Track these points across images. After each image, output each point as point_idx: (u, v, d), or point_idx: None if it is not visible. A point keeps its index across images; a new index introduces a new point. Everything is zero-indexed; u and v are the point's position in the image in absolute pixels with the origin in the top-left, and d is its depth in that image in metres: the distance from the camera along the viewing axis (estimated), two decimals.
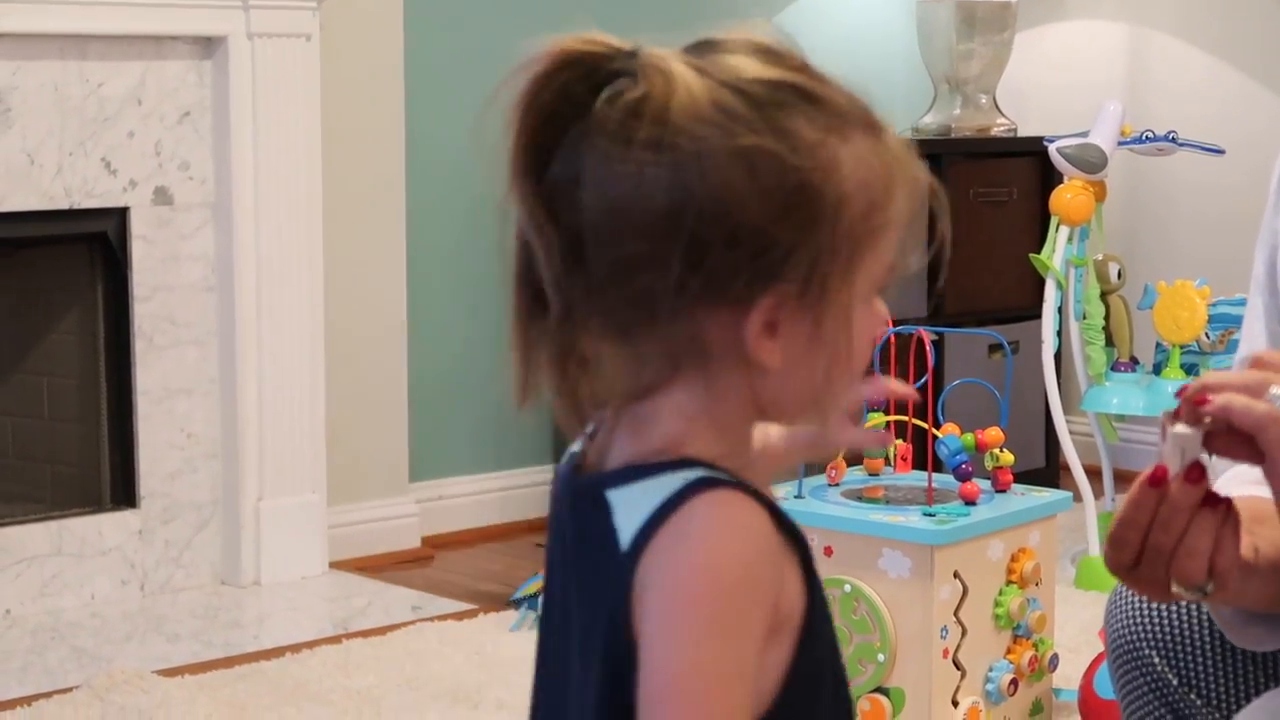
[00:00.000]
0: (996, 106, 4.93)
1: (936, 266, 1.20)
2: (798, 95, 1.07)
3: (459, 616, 3.70)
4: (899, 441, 3.13)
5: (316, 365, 4.01)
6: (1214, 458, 1.34)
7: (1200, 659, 1.68)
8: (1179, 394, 1.35)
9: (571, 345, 1.09)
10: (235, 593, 3.94)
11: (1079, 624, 3.48)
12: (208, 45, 3.89)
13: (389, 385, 4.24)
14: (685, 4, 4.69)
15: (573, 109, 1.07)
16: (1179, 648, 1.67)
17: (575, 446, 1.16)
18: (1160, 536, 1.31)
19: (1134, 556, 1.32)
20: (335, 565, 4.09)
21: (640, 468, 1.09)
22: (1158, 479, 1.31)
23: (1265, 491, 1.35)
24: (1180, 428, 1.33)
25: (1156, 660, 1.69)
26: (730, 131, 1.04)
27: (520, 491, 4.55)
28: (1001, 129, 4.89)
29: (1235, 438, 1.33)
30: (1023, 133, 4.95)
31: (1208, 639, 1.66)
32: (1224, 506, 1.34)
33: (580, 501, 1.12)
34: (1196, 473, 1.30)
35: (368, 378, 4.20)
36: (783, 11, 4.92)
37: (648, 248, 1.05)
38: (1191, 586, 1.32)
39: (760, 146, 1.04)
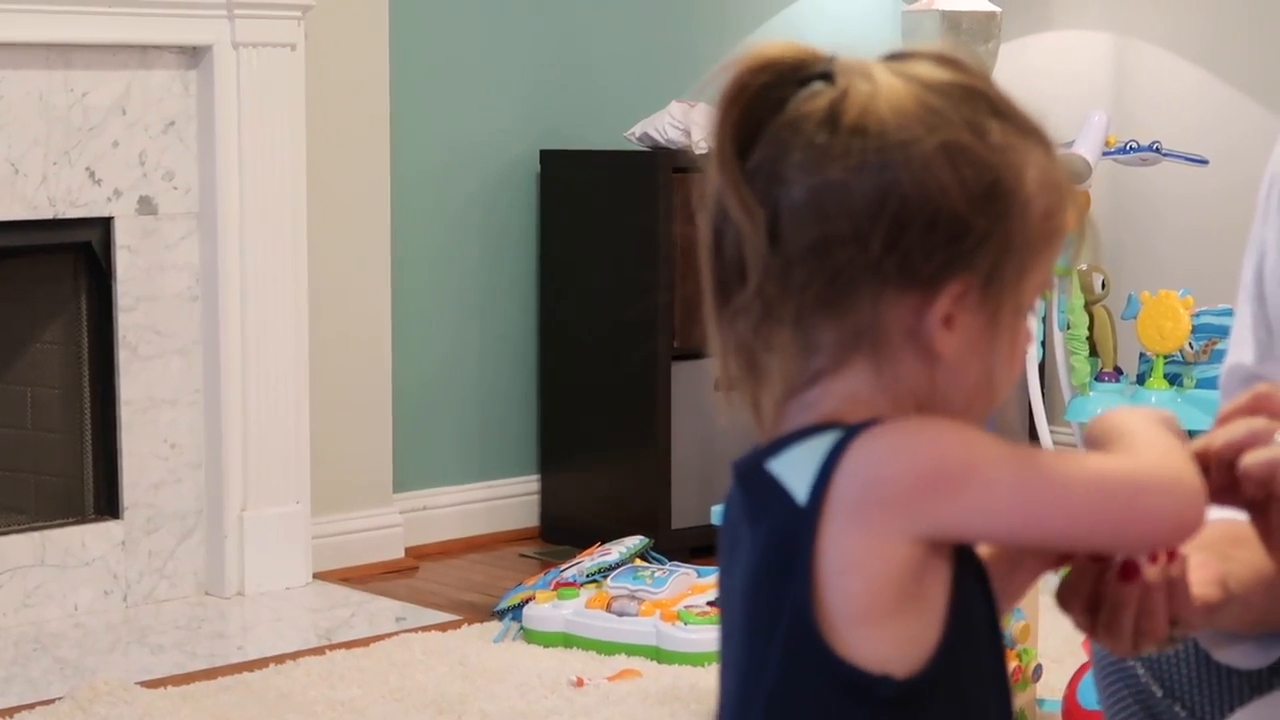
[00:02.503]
0: None
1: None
2: (987, 103, 1.15)
3: (443, 627, 3.70)
4: None
5: (301, 376, 4.00)
6: None
7: (1184, 670, 1.67)
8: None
9: (757, 330, 1.15)
10: (219, 603, 3.93)
11: (1063, 634, 3.47)
12: (193, 55, 3.89)
13: (373, 396, 4.23)
14: (672, 12, 4.69)
15: (775, 104, 1.14)
16: (1163, 658, 1.67)
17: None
18: (1111, 615, 1.30)
19: (1089, 625, 1.31)
20: (319, 576, 4.08)
21: (795, 434, 1.14)
22: (1129, 574, 1.30)
23: (1240, 514, 1.35)
24: None
25: (1140, 671, 1.68)
26: (932, 126, 1.12)
27: (505, 502, 4.54)
28: None
29: (1225, 493, 1.33)
30: None
31: (1192, 650, 1.66)
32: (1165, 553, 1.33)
33: (745, 482, 1.17)
34: (1131, 570, 1.29)
35: (352, 388, 4.19)
36: (769, 21, 4.92)
37: (849, 227, 1.12)
38: (1156, 641, 1.32)
39: (960, 140, 1.13)
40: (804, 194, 1.13)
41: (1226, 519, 1.39)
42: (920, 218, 1.12)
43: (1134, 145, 4.26)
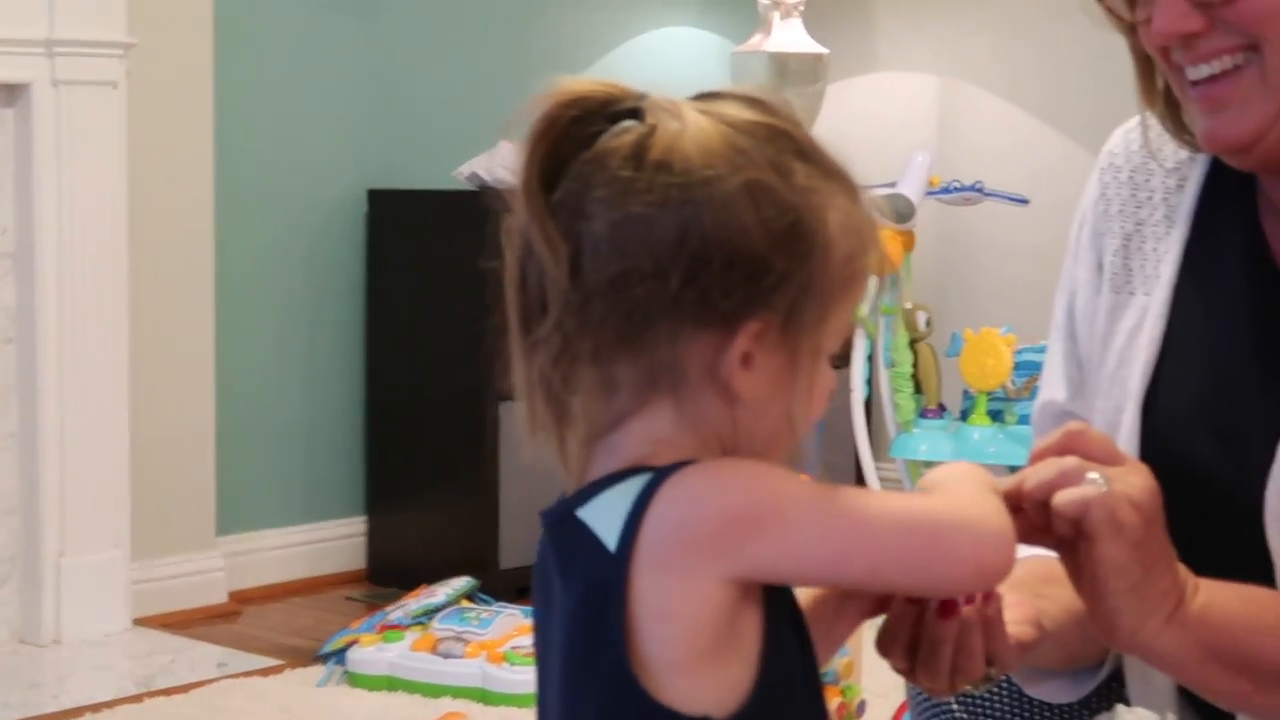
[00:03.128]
0: None
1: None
2: (793, 145, 1.15)
3: (265, 672, 3.64)
4: None
5: (120, 419, 3.93)
6: None
7: (999, 705, 1.68)
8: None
9: (558, 373, 1.15)
10: (35, 651, 3.84)
11: (886, 669, 3.49)
12: (10, 92, 3.82)
13: (195, 438, 4.17)
14: (502, 51, 4.69)
15: (582, 139, 1.14)
16: (979, 695, 1.68)
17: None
18: (929, 654, 1.31)
19: (907, 666, 1.32)
20: (139, 622, 4.01)
21: (603, 480, 1.14)
22: (948, 611, 1.31)
23: (1050, 553, 1.37)
24: None
25: (955, 707, 1.69)
26: (737, 164, 1.12)
27: (330, 544, 4.49)
28: None
29: (1036, 530, 1.34)
30: None
31: (1005, 686, 1.67)
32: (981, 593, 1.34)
33: (555, 532, 1.16)
34: (949, 608, 1.30)
35: (173, 431, 4.13)
36: (600, 60, 4.93)
37: (650, 262, 1.11)
38: (973, 680, 1.32)
39: (763, 180, 1.13)
40: (606, 228, 1.12)
41: (1038, 557, 1.40)
42: (720, 255, 1.11)
43: (957, 185, 4.31)
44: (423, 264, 4.39)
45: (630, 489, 1.12)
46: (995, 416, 4.06)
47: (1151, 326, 1.61)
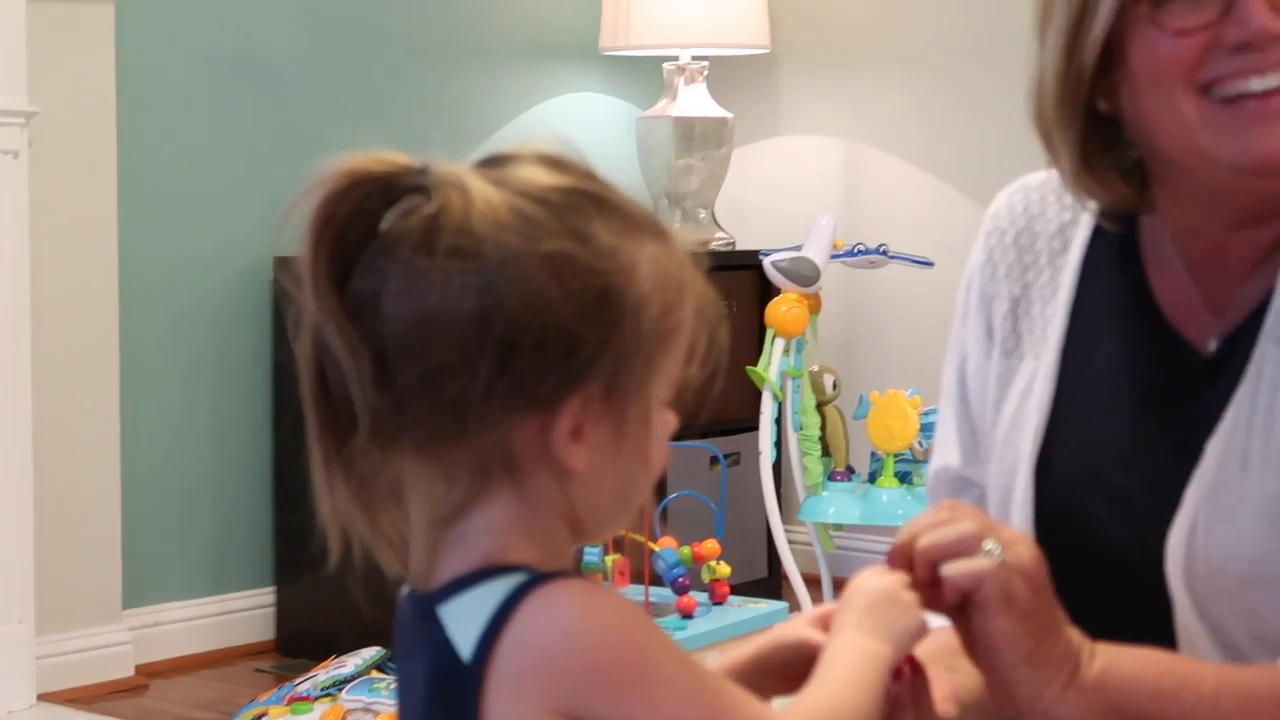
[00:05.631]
0: (715, 221, 5.00)
1: (711, 378, 1.21)
2: (591, 202, 1.11)
3: None
4: (616, 555, 3.13)
5: (24, 491, 3.88)
6: None
7: None
8: (889, 555, 1.36)
9: (380, 467, 1.11)
10: None
11: None
12: None
13: (100, 510, 4.13)
14: (407, 118, 4.69)
15: (368, 225, 1.10)
16: None
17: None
18: None
19: None
20: (44, 697, 3.95)
21: (465, 579, 1.10)
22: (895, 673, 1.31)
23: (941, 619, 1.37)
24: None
25: None
26: (533, 237, 1.08)
27: (237, 616, 4.45)
28: (720, 243, 4.96)
29: (930, 592, 1.35)
30: (741, 247, 5.02)
31: None
32: (909, 668, 1.34)
33: (416, 622, 1.13)
34: (895, 673, 1.30)
35: (78, 503, 4.08)
36: (506, 126, 4.94)
37: (457, 355, 1.07)
38: None
39: (563, 250, 1.08)
40: (406, 325, 1.08)
41: (942, 628, 1.41)
42: (528, 337, 1.07)
43: (862, 248, 4.34)
44: None
45: (489, 597, 1.09)
46: (903, 478, 4.08)
47: (1041, 390, 1.62)
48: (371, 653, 3.84)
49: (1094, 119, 1.56)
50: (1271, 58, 1.45)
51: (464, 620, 1.09)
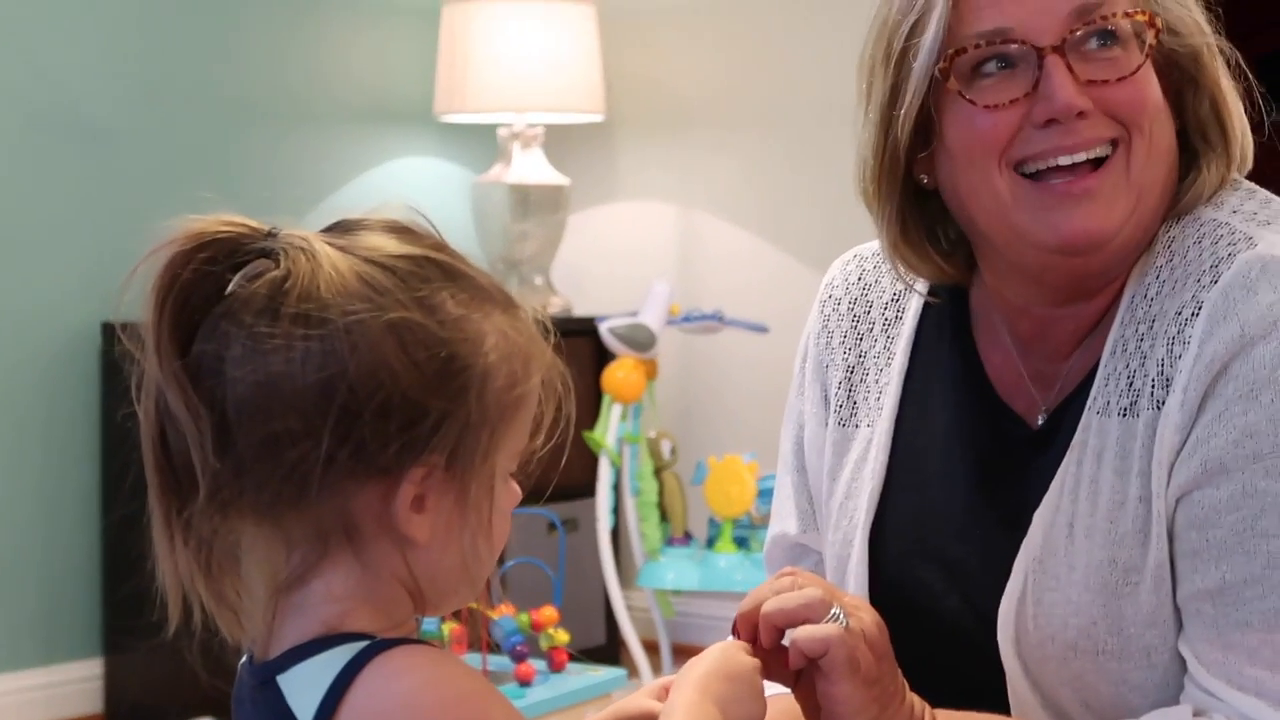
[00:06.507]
0: (551, 286, 5.00)
1: (558, 450, 1.20)
2: (439, 271, 1.10)
3: None
4: (453, 624, 3.10)
5: None
6: None
7: None
8: (735, 621, 1.36)
9: (220, 531, 1.09)
10: None
11: None
12: None
13: None
14: (241, 183, 4.65)
15: (213, 289, 1.08)
16: None
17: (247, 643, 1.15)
18: None
19: None
20: None
21: (305, 647, 1.08)
22: None
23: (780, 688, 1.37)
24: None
25: None
26: (379, 305, 1.07)
27: (64, 688, 4.35)
28: (556, 309, 4.95)
29: (773, 659, 1.35)
30: (577, 312, 5.02)
31: None
32: None
33: (256, 692, 1.11)
34: None
35: None
36: (340, 190, 4.91)
37: (299, 422, 1.06)
38: None
39: (410, 319, 1.07)
40: (249, 390, 1.07)
41: (781, 695, 1.40)
42: (371, 405, 1.06)
43: (697, 314, 4.36)
44: None
45: (329, 666, 1.07)
46: (741, 543, 4.08)
47: (875, 458, 1.63)
48: None
49: (917, 194, 1.58)
50: (1079, 135, 1.48)
51: (304, 689, 1.08)
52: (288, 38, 4.79)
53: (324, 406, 1.06)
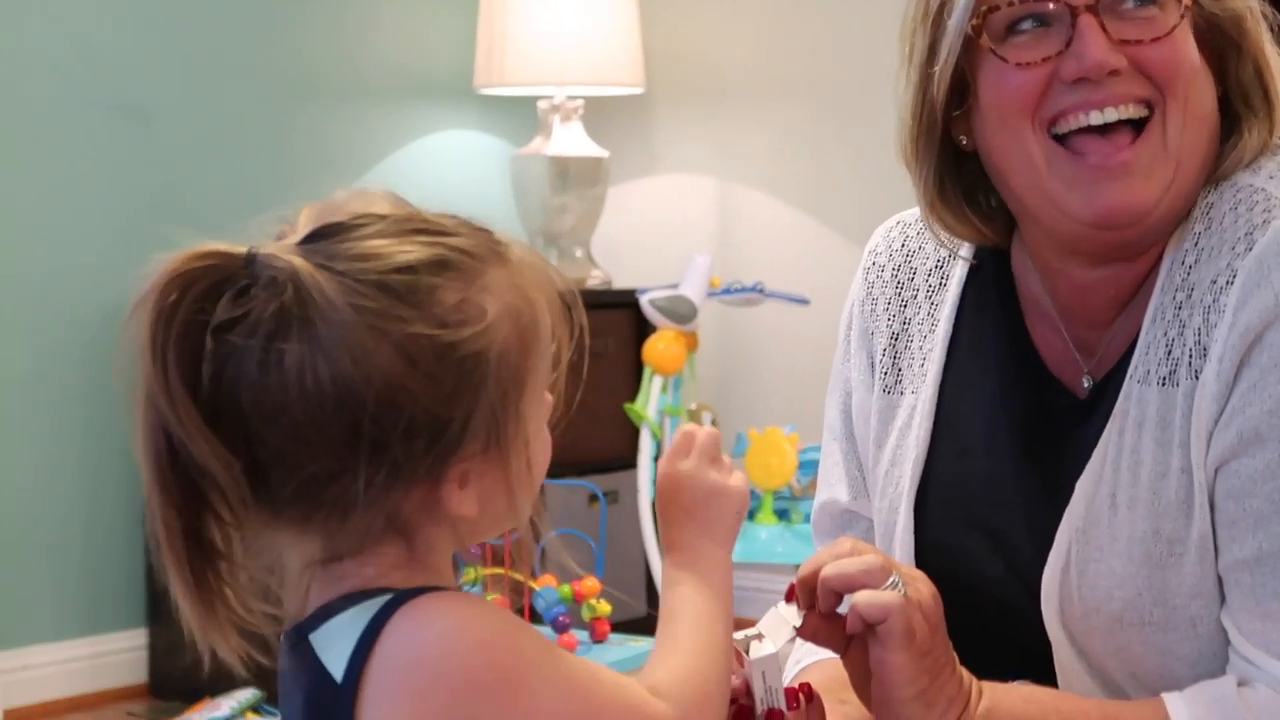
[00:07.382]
0: (591, 259, 5.00)
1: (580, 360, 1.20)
2: (429, 267, 1.08)
3: None
4: (495, 595, 3.11)
5: None
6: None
7: None
8: (789, 592, 1.36)
9: (249, 548, 1.11)
10: None
11: None
12: None
13: None
14: (289, 156, 4.66)
15: (203, 323, 1.07)
16: None
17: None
18: None
19: None
20: None
21: (335, 603, 1.09)
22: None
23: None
24: (757, 651, 1.33)
25: None
26: (379, 329, 1.05)
27: (108, 658, 4.38)
28: (596, 281, 4.95)
29: (827, 625, 1.35)
30: (617, 285, 5.02)
31: None
32: (804, 697, 1.35)
33: (291, 653, 1.12)
34: (776, 716, 1.30)
35: None
36: (380, 164, 4.92)
37: (333, 462, 1.06)
38: None
39: (413, 334, 1.06)
40: (277, 439, 1.07)
41: (827, 660, 1.41)
42: (397, 431, 1.06)
43: (738, 286, 4.35)
44: None
45: (360, 617, 1.08)
46: (781, 515, 4.09)
47: (920, 425, 1.63)
48: (246, 695, 3.80)
49: (957, 156, 1.58)
50: (1109, 92, 1.47)
51: (334, 643, 1.08)
52: (329, 14, 4.80)
53: (353, 444, 1.06)
